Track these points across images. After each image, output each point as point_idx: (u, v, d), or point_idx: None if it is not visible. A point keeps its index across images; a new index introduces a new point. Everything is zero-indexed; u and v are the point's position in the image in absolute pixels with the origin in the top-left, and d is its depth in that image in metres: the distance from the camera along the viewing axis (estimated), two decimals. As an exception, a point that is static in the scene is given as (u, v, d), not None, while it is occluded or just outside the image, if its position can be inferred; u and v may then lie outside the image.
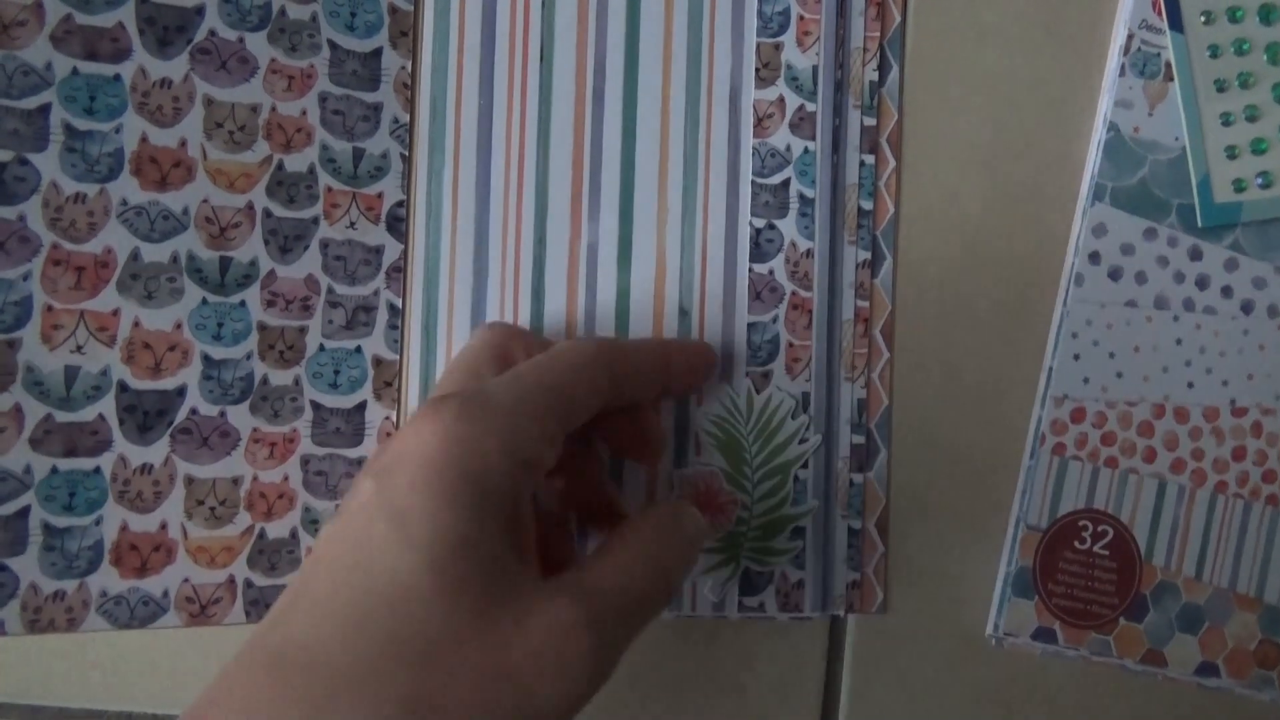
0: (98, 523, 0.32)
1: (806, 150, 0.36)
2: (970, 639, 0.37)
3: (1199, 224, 0.36)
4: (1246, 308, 0.36)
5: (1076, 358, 0.36)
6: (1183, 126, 0.35)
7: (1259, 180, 0.35)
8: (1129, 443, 0.36)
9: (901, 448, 0.37)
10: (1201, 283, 0.36)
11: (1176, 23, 0.35)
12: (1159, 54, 0.36)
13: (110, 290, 0.33)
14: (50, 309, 0.32)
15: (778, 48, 0.36)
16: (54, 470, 0.32)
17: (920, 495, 0.37)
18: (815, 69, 0.36)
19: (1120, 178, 0.36)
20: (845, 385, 0.36)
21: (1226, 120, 0.35)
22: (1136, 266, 0.36)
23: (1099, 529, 0.36)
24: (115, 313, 0.33)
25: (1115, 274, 0.36)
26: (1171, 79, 0.35)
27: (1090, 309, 0.36)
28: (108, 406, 0.33)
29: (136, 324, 0.33)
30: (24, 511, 0.31)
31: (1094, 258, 0.36)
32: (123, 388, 0.33)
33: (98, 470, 0.32)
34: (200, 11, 0.33)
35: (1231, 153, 0.35)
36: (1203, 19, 0.35)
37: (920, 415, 0.37)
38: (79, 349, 0.32)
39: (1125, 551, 0.36)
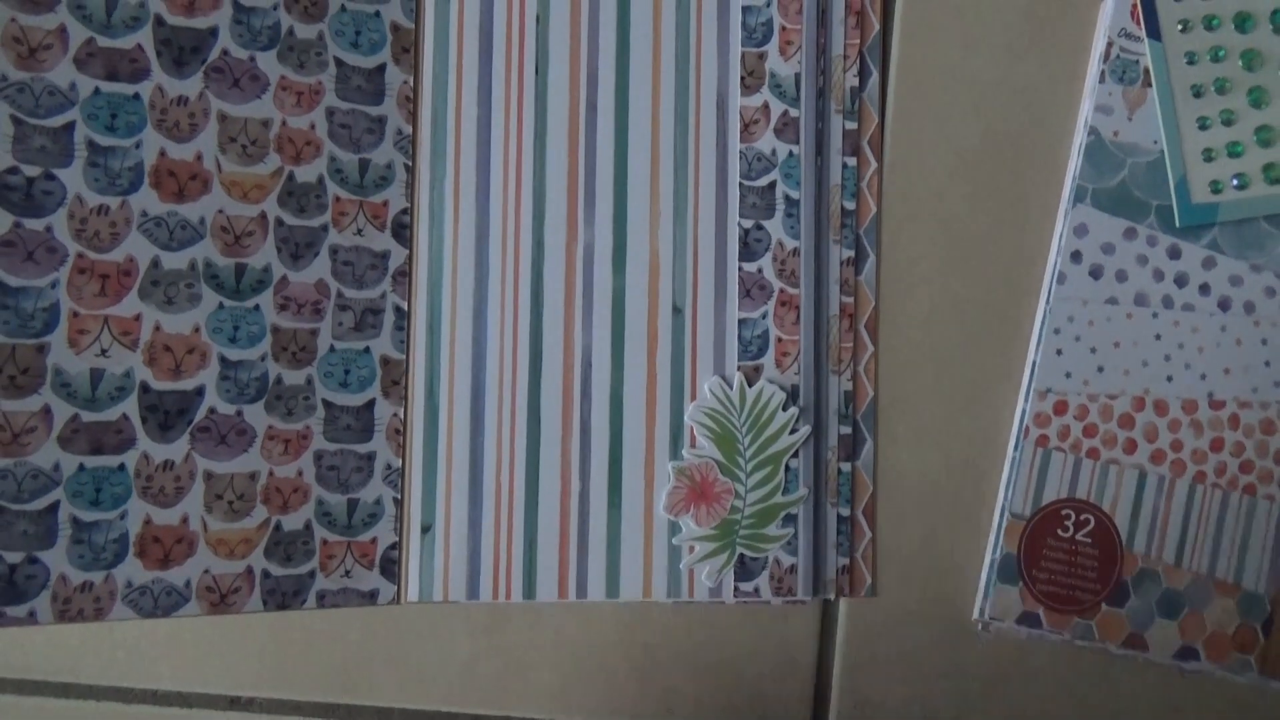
0: (123, 517, 0.34)
1: (791, 154, 0.37)
2: (957, 623, 0.38)
3: (1177, 224, 0.37)
4: (1224, 304, 0.37)
5: (1059, 353, 0.37)
6: (1161, 130, 0.36)
7: (1235, 181, 0.36)
8: (1110, 434, 0.37)
9: (889, 440, 0.38)
10: (1180, 280, 0.37)
11: (1155, 31, 0.36)
12: (1138, 61, 0.36)
13: (132, 296, 0.34)
14: (76, 315, 0.34)
15: (762, 57, 0.38)
16: (81, 467, 0.34)
17: (908, 485, 0.38)
18: (798, 76, 0.37)
19: (1101, 180, 0.37)
20: (832, 378, 0.38)
21: (1203, 124, 0.36)
22: (1117, 265, 0.37)
23: (1081, 518, 0.37)
24: (137, 318, 0.35)
25: (1096, 272, 0.37)
26: (1150, 85, 0.36)
27: (1072, 306, 0.37)
28: (131, 406, 0.34)
29: (157, 328, 0.35)
30: (54, 507, 0.33)
31: (1076, 256, 0.37)
32: (145, 388, 0.35)
33: (122, 467, 0.34)
34: (214, 33, 0.35)
35: (1208, 155, 0.36)
36: (1180, 27, 0.36)
37: (908, 409, 0.38)
38: (104, 352, 0.34)
39: (1107, 539, 0.37)
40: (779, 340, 0.37)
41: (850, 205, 0.38)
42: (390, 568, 0.37)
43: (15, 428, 0.33)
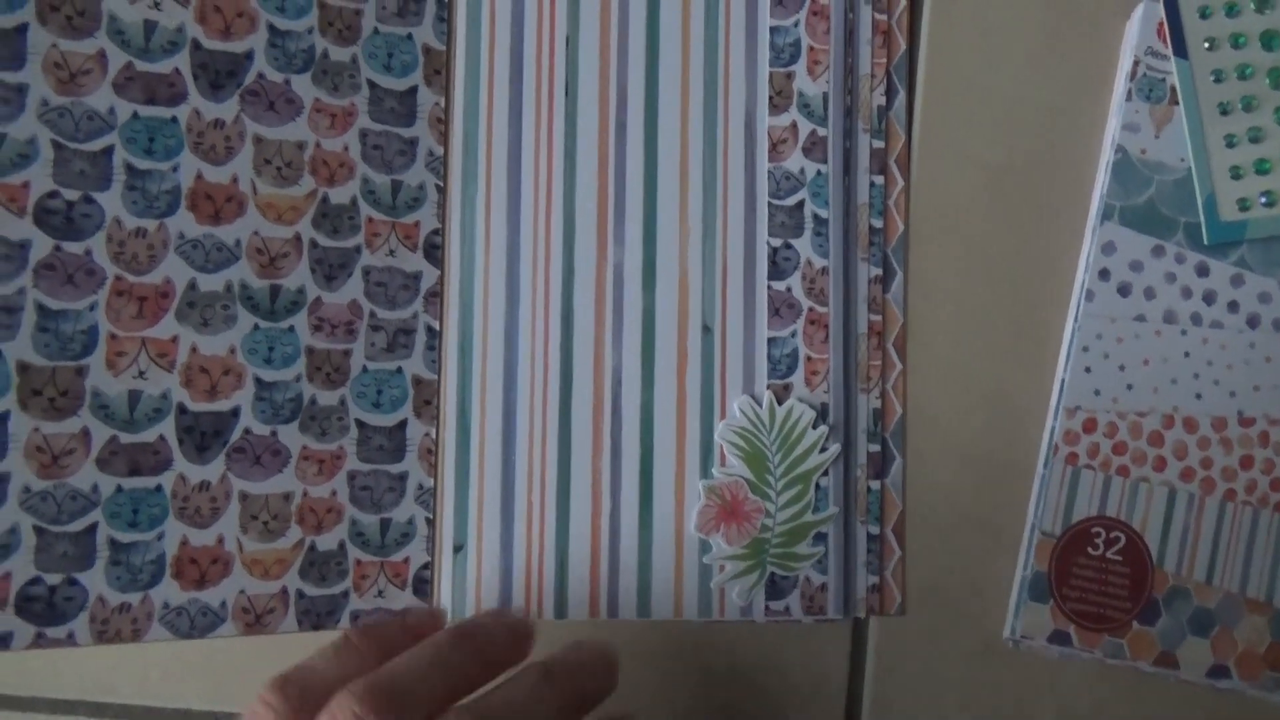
0: (159, 538, 0.34)
1: (819, 173, 0.38)
2: (988, 641, 0.38)
3: (1205, 241, 0.37)
4: (1252, 322, 0.37)
5: (1088, 370, 0.37)
6: (1188, 148, 0.37)
7: (1263, 199, 0.36)
8: (1140, 452, 0.37)
9: (918, 458, 0.38)
10: (1208, 298, 0.37)
11: (1181, 49, 0.36)
12: (1164, 79, 0.37)
13: (169, 318, 0.35)
14: (114, 337, 0.34)
15: (789, 76, 0.38)
16: (119, 489, 0.34)
17: (938, 503, 0.38)
18: (825, 96, 0.38)
19: (1128, 197, 0.37)
20: (861, 396, 0.38)
21: (1230, 142, 0.36)
22: (1145, 282, 0.37)
23: (1111, 535, 0.37)
24: (174, 339, 0.35)
25: (1124, 290, 0.37)
26: (1176, 103, 0.37)
27: (1100, 323, 0.37)
28: (168, 428, 0.35)
29: (194, 350, 0.35)
30: (92, 528, 0.34)
31: (1104, 274, 0.37)
32: (182, 410, 0.35)
33: (159, 489, 0.35)
34: (249, 56, 0.36)
35: (1236, 173, 0.36)
36: (1206, 45, 0.36)
37: (936, 427, 0.38)
38: (141, 374, 0.34)
39: (1137, 557, 0.37)
40: (808, 359, 0.38)
41: (878, 224, 0.38)
42: (423, 587, 0.37)
43: (55, 450, 0.33)
